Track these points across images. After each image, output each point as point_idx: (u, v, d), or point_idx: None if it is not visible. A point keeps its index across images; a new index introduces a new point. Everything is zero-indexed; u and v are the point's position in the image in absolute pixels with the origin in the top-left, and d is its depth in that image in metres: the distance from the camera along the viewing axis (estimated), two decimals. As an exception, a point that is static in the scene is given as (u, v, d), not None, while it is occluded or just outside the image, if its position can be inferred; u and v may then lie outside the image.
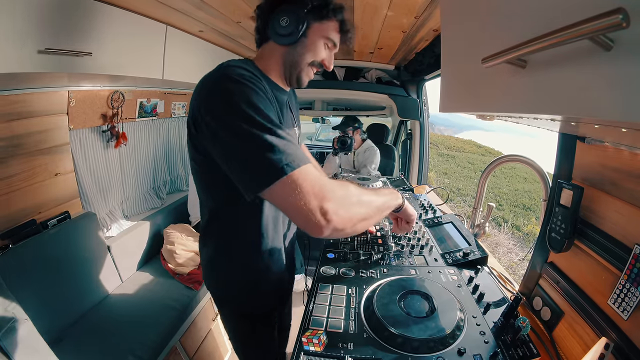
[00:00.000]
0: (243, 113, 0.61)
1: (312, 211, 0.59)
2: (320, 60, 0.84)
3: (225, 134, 0.62)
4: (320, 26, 0.81)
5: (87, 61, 1.09)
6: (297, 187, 0.59)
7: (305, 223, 0.60)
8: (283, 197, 0.60)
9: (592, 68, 0.34)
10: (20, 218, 1.34)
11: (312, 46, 0.81)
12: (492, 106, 0.59)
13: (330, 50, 0.86)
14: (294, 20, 0.76)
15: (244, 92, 0.64)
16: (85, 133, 1.62)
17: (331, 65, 0.87)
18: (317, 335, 0.66)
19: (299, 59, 0.82)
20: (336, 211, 0.61)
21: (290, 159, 0.60)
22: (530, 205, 7.70)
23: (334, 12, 0.81)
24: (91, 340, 1.36)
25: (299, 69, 0.83)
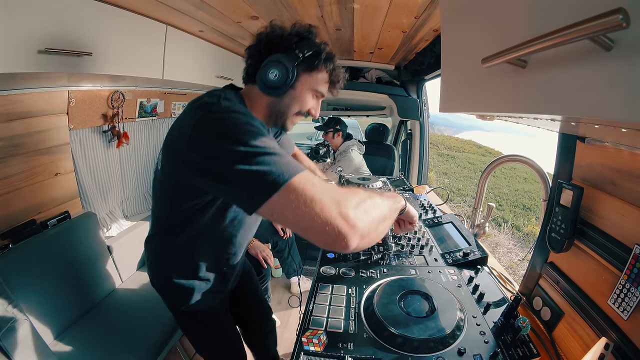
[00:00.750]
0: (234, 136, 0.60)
1: (330, 220, 0.53)
2: (307, 109, 0.84)
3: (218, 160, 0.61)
4: (309, 78, 0.79)
5: (87, 61, 1.09)
6: (303, 195, 0.55)
7: (324, 235, 0.54)
8: (287, 207, 0.55)
9: (592, 68, 0.34)
10: (20, 218, 1.34)
11: (299, 98, 0.80)
12: (492, 106, 0.59)
13: (317, 99, 0.85)
14: (284, 74, 0.74)
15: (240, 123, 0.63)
16: (85, 133, 1.62)
17: (317, 114, 0.87)
18: (317, 335, 0.66)
19: (285, 109, 0.81)
20: (358, 215, 0.56)
21: (290, 168, 0.57)
22: (530, 205, 7.70)
23: (325, 63, 0.79)
24: (91, 340, 1.36)
25: (284, 118, 0.83)
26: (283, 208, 0.56)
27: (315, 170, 1.26)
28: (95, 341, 1.35)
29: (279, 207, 0.56)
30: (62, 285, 1.41)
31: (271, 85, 0.75)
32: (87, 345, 1.33)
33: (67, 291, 1.43)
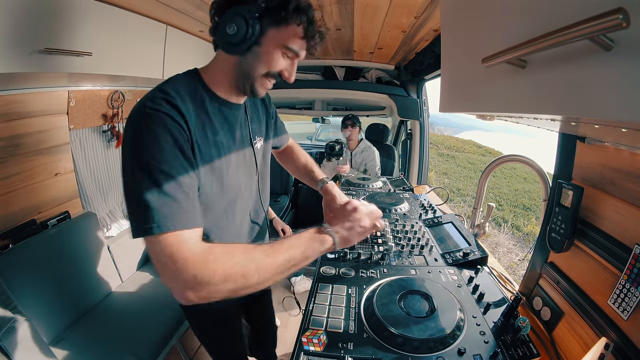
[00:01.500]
0: (139, 157, 0.59)
1: (168, 282, 0.57)
2: (279, 70, 0.72)
3: (123, 170, 0.61)
4: (277, 33, 0.67)
5: (87, 61, 1.09)
6: (153, 252, 0.57)
7: (167, 284, 0.58)
8: (150, 253, 0.58)
9: (592, 68, 0.34)
10: (20, 218, 1.34)
11: (265, 56, 0.69)
12: (492, 106, 0.59)
13: (291, 59, 0.73)
14: (243, 27, 0.64)
15: (143, 133, 0.60)
16: (85, 133, 1.62)
17: (292, 77, 0.75)
18: (317, 335, 0.66)
19: (250, 70, 0.70)
20: (193, 292, 0.57)
21: (157, 222, 0.56)
22: (530, 205, 7.70)
23: (296, 15, 0.66)
24: (91, 340, 1.36)
25: (251, 81, 0.72)
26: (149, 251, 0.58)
27: (313, 165, 1.21)
28: (95, 341, 1.36)
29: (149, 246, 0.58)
30: (62, 285, 1.41)
31: (230, 40, 0.65)
32: (87, 345, 1.33)
33: (67, 291, 1.43)
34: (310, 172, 1.18)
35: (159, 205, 0.57)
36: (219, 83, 0.74)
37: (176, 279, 0.56)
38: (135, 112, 0.62)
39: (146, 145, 0.59)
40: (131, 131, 0.61)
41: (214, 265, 0.58)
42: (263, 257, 0.62)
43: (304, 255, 0.67)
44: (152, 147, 0.59)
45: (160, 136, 0.60)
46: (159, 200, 0.57)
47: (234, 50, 0.68)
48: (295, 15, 0.66)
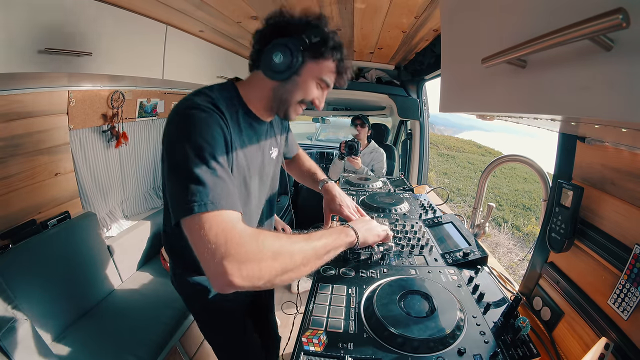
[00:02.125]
0: (193, 140, 0.62)
1: (212, 263, 0.55)
2: (310, 99, 0.81)
3: (170, 154, 0.64)
4: (315, 66, 0.76)
5: (87, 61, 1.09)
6: (203, 230, 0.56)
7: (207, 272, 0.57)
8: (190, 234, 0.57)
9: (592, 68, 0.34)
10: (20, 218, 1.34)
11: (303, 85, 0.77)
12: (492, 106, 0.59)
13: (322, 90, 0.82)
14: (289, 58, 0.72)
15: (196, 121, 0.65)
16: (85, 133, 1.62)
17: (322, 105, 0.83)
18: (317, 335, 0.66)
19: (288, 96, 0.78)
20: (239, 271, 0.55)
21: (210, 198, 0.58)
22: (530, 205, 7.70)
23: (332, 52, 0.76)
24: (91, 340, 1.36)
25: (287, 106, 0.80)
26: (187, 230, 0.58)
27: (316, 168, 1.24)
28: (95, 341, 1.36)
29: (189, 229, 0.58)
30: (62, 285, 1.41)
31: (274, 68, 0.73)
32: (87, 345, 1.33)
33: (67, 291, 1.43)
34: (312, 174, 1.21)
35: (213, 184, 0.59)
36: (254, 101, 0.82)
37: (226, 257, 0.54)
38: (185, 105, 0.68)
39: (200, 131, 0.64)
40: (182, 119, 0.66)
41: (264, 242, 0.60)
42: (303, 242, 0.68)
43: (335, 244, 0.76)
44: (206, 133, 0.64)
45: (212, 126, 0.66)
46: (213, 180, 0.60)
47: (276, 77, 0.75)
48: (331, 52, 0.76)
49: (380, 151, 2.61)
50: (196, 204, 0.57)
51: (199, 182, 0.59)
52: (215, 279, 0.56)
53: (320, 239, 0.72)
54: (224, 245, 0.55)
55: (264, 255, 0.59)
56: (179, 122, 0.67)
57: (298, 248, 0.66)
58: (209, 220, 0.56)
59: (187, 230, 0.58)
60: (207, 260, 0.55)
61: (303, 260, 0.65)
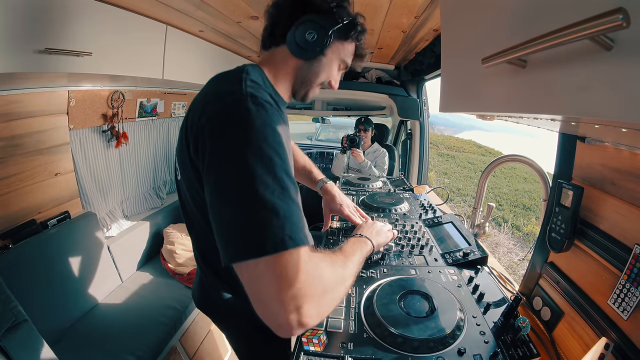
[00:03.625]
0: (261, 154, 0.49)
1: (285, 311, 0.46)
2: (329, 80, 0.78)
3: (216, 175, 0.51)
4: (341, 46, 0.74)
5: (87, 61, 1.09)
6: (274, 274, 0.46)
7: (275, 320, 0.47)
8: (253, 280, 0.47)
9: (592, 68, 0.34)
10: (20, 218, 1.34)
11: (328, 65, 0.74)
12: (492, 106, 0.59)
13: (339, 71, 0.80)
14: (321, 37, 0.67)
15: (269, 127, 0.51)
16: (85, 133, 1.62)
17: (337, 85, 0.80)
18: (317, 335, 0.66)
19: (312, 77, 0.74)
20: (316, 312, 0.48)
21: (294, 231, 0.47)
22: (530, 205, 7.70)
23: (358, 35, 0.74)
24: (91, 340, 1.36)
25: (309, 87, 0.76)
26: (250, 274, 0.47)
27: (312, 166, 1.18)
28: (95, 341, 1.36)
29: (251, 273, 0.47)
30: (62, 285, 1.41)
31: (305, 46, 0.67)
32: (87, 345, 1.33)
33: (67, 291, 1.43)
34: (309, 172, 1.18)
35: (289, 213, 0.48)
36: (281, 80, 0.73)
37: (307, 302, 0.46)
38: (238, 102, 0.53)
39: (266, 136, 0.50)
40: (240, 124, 0.51)
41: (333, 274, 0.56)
42: (349, 263, 0.67)
43: (363, 258, 0.77)
44: (273, 140, 0.51)
45: (277, 129, 0.52)
46: (288, 207, 0.48)
47: (304, 55, 0.69)
48: (359, 35, 0.74)
49: (384, 152, 2.70)
50: (270, 242, 0.45)
51: (272, 211, 0.46)
52: (287, 326, 0.47)
53: (354, 255, 0.72)
54: (303, 288, 0.46)
55: (331, 291, 0.53)
56: (232, 127, 0.51)
57: (349, 272, 0.64)
58: (284, 261, 0.46)
59: (247, 274, 0.47)
60: (277, 308, 0.46)
61: (351, 282, 0.64)
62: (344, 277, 0.62)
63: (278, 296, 0.45)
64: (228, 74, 0.64)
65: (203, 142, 0.54)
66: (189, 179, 0.64)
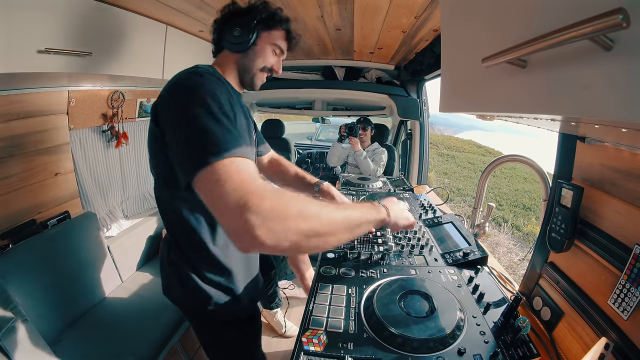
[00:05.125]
0: (201, 99, 0.64)
1: (235, 216, 0.50)
2: (270, 65, 0.91)
3: (178, 118, 0.64)
4: (268, 35, 0.89)
5: (87, 61, 1.09)
6: (220, 181, 0.53)
7: (228, 226, 0.53)
8: (206, 190, 0.55)
9: (592, 68, 0.34)
10: (20, 218, 1.34)
11: (261, 52, 0.89)
12: (492, 106, 0.59)
13: (278, 56, 0.93)
14: (246, 30, 0.84)
15: (209, 83, 0.68)
16: (85, 133, 1.62)
17: (279, 70, 0.95)
18: (317, 335, 0.66)
19: (250, 64, 0.89)
20: (264, 225, 0.49)
21: (223, 146, 0.57)
22: (530, 205, 7.70)
23: (280, 23, 0.90)
24: (91, 340, 1.36)
25: (252, 74, 0.90)
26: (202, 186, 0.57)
27: (304, 173, 1.20)
28: (95, 341, 1.35)
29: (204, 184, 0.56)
30: (62, 285, 1.41)
31: (236, 40, 0.85)
32: (87, 345, 1.33)
33: (67, 291, 1.43)
34: (302, 178, 1.18)
35: (226, 134, 0.60)
36: (228, 75, 0.90)
37: (250, 210, 0.49)
38: (187, 74, 0.71)
39: (207, 89, 0.66)
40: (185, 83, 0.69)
41: (290, 200, 0.55)
42: (332, 208, 0.65)
43: (366, 218, 0.72)
44: (213, 91, 0.66)
45: (218, 87, 0.69)
46: (223, 131, 0.60)
47: (238, 48, 0.86)
48: (280, 22, 0.90)
49: (382, 149, 2.70)
50: (210, 154, 0.56)
51: (210, 133, 0.59)
52: (238, 234, 0.51)
53: (351, 209, 0.70)
54: (245, 196, 0.50)
55: (290, 213, 0.53)
56: (180, 86, 0.69)
57: (326, 212, 0.60)
58: (226, 169, 0.54)
59: (202, 187, 0.56)
60: (228, 214, 0.51)
61: (332, 227, 0.60)
62: (318, 214, 0.58)
63: (226, 203, 0.51)
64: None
65: (162, 109, 0.70)
66: (157, 157, 0.77)
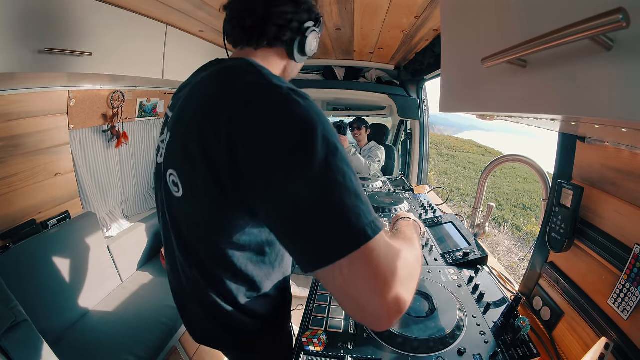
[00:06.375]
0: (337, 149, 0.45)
1: (386, 300, 0.42)
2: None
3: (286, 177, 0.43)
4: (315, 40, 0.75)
5: (87, 61, 1.09)
6: (373, 261, 0.42)
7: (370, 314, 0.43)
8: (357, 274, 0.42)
9: (592, 68, 0.34)
10: (20, 218, 1.34)
11: (301, 64, 0.75)
12: (492, 106, 0.59)
13: None
14: (314, 36, 0.68)
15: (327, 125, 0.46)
16: (85, 133, 1.62)
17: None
18: (317, 335, 0.66)
19: (296, 71, 0.76)
20: (408, 297, 0.45)
21: (374, 216, 0.44)
22: (530, 205, 7.70)
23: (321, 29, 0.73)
24: (91, 340, 1.36)
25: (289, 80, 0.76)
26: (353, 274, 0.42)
27: None
28: (95, 341, 1.35)
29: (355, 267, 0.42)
30: (62, 285, 1.41)
31: (305, 51, 0.69)
32: (87, 345, 1.33)
33: (67, 291, 1.43)
34: None
35: (365, 204, 0.44)
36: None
37: (402, 286, 0.43)
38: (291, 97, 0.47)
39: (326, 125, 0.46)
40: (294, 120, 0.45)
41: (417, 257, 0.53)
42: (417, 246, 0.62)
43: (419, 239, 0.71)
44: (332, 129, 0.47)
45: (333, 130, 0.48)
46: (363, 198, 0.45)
47: (300, 58, 0.70)
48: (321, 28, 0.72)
49: (379, 146, 2.69)
50: (368, 227, 0.42)
51: (358, 197, 0.43)
52: (388, 318, 0.43)
53: (415, 237, 0.67)
54: (398, 272, 0.43)
55: (413, 272, 0.49)
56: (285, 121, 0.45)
57: (415, 257, 0.55)
58: (377, 246, 0.42)
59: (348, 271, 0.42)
60: (381, 300, 0.42)
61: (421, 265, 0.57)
62: (418, 256, 0.56)
63: (376, 290, 0.42)
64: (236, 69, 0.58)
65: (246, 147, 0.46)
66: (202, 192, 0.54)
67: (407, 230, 0.73)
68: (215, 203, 0.54)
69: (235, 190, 0.50)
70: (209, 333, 0.78)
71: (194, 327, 0.81)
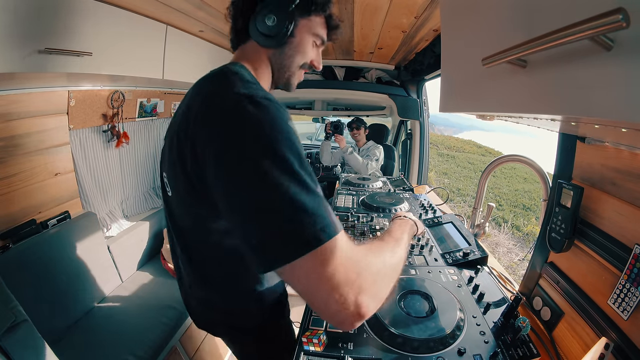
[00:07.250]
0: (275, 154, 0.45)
1: (344, 303, 0.43)
2: (310, 61, 0.73)
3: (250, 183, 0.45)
4: (307, 22, 0.69)
5: (87, 61, 1.09)
6: (327, 266, 0.43)
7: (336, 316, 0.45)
8: (309, 278, 0.44)
9: (592, 68, 0.34)
10: (20, 218, 1.34)
11: (300, 45, 0.70)
12: (492, 106, 0.59)
13: (318, 48, 0.75)
14: (282, 19, 0.63)
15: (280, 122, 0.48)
16: (85, 133, 1.62)
17: (320, 65, 0.76)
18: (317, 335, 0.66)
19: (288, 61, 0.70)
20: (371, 302, 0.46)
21: (331, 220, 0.45)
22: (530, 205, 7.70)
23: (322, 6, 0.69)
24: (91, 340, 1.36)
25: (289, 73, 0.72)
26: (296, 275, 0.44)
27: None
28: (95, 341, 1.35)
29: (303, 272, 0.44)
30: (62, 285, 1.41)
31: (269, 32, 0.64)
32: (87, 345, 1.33)
33: (67, 291, 1.43)
34: None
35: (316, 207, 0.45)
36: (262, 75, 0.70)
37: (362, 292, 0.45)
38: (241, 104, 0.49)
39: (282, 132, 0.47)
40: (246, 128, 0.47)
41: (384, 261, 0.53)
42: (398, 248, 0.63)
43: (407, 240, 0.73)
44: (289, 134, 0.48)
45: (290, 128, 0.49)
46: (314, 201, 0.45)
47: (273, 43, 0.66)
48: (322, 6, 0.69)
49: (377, 145, 2.68)
50: (322, 232, 0.43)
51: (309, 205, 0.44)
52: (349, 321, 0.45)
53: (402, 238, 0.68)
54: (356, 277, 0.45)
55: (385, 277, 0.51)
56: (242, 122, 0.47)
57: (396, 259, 0.58)
58: (331, 250, 0.43)
59: (301, 274, 0.44)
60: (338, 303, 0.43)
61: (400, 269, 0.58)
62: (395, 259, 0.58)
63: (334, 292, 0.43)
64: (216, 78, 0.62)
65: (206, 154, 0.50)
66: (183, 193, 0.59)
67: (396, 231, 0.74)
68: (195, 203, 0.58)
69: (204, 190, 0.53)
70: (210, 325, 0.85)
71: (197, 317, 0.87)
